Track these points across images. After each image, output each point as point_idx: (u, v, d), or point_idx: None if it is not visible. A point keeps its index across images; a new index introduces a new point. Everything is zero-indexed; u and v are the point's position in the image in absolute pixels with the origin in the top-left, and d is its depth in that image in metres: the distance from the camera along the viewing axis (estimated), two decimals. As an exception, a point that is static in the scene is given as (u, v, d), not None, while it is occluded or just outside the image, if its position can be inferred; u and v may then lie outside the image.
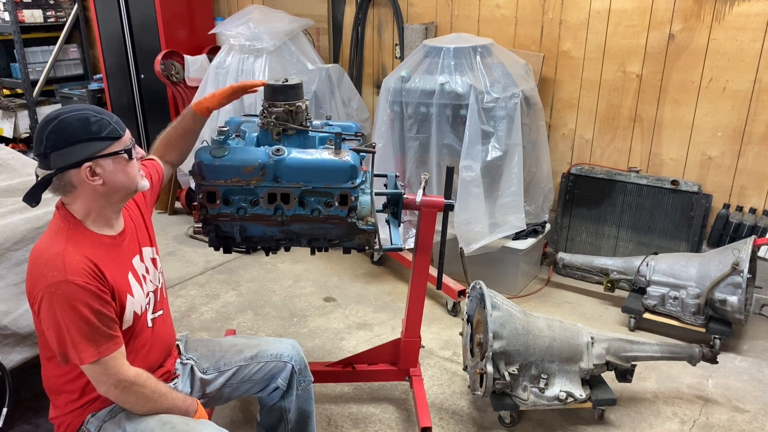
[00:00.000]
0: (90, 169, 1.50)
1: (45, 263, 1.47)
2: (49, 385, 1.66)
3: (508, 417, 2.41)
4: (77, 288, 1.45)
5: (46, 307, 1.46)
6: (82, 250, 1.51)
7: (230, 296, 3.45)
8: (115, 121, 1.54)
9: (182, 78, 4.29)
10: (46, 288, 1.45)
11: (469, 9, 3.78)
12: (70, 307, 1.45)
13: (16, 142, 5.64)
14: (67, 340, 1.46)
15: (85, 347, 1.47)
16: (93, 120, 1.49)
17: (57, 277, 1.44)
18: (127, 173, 1.56)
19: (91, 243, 1.55)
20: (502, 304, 2.35)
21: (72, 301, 1.44)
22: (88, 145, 1.49)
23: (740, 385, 2.68)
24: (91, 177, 1.50)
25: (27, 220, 2.28)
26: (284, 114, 1.94)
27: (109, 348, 1.49)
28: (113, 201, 1.59)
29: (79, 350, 1.46)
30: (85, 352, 1.47)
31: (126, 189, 1.58)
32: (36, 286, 1.47)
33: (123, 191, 1.58)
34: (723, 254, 2.87)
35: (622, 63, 3.39)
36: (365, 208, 1.88)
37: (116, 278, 1.57)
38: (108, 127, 1.51)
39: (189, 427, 1.57)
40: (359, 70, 4.35)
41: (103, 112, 1.54)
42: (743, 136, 3.16)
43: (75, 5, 5.61)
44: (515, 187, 3.19)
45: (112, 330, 1.52)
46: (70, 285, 1.44)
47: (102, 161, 1.50)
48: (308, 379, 1.97)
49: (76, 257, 1.48)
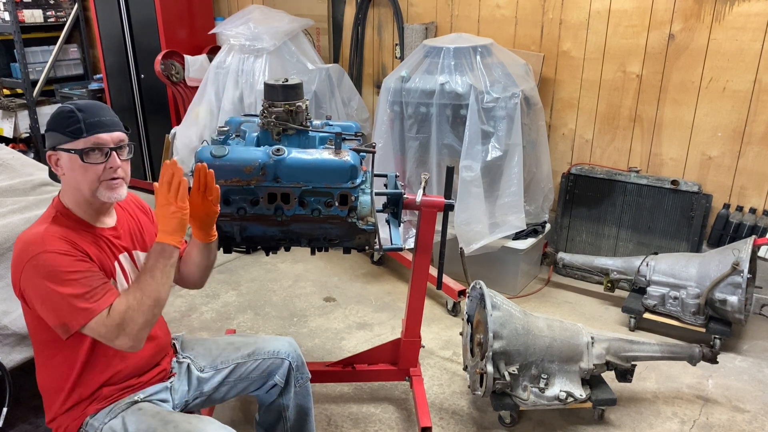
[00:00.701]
0: (54, 158, 1.57)
1: (24, 243, 1.51)
2: (43, 385, 1.66)
3: (508, 417, 2.42)
4: (56, 254, 1.47)
5: (31, 282, 1.47)
6: (62, 231, 1.53)
7: (230, 296, 3.45)
8: (90, 121, 1.52)
9: (182, 78, 4.29)
10: (27, 262, 1.47)
11: (469, 9, 3.78)
12: (53, 274, 1.46)
13: (16, 142, 5.63)
14: (62, 306, 1.47)
15: (82, 307, 1.46)
16: (67, 113, 1.54)
17: (36, 250, 1.47)
18: (82, 175, 1.53)
19: (76, 228, 1.57)
20: (502, 304, 2.35)
21: (53, 267, 1.46)
22: (54, 135, 1.55)
23: (740, 385, 2.68)
24: (56, 166, 1.57)
25: (27, 220, 2.28)
26: (284, 114, 1.94)
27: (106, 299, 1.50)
28: (86, 196, 1.57)
29: (75, 314, 1.46)
30: (81, 314, 1.47)
31: (80, 190, 1.56)
32: (18, 267, 1.50)
33: (80, 191, 1.57)
34: (723, 254, 2.87)
35: (622, 63, 3.39)
36: (365, 208, 1.88)
37: (101, 260, 1.58)
38: (74, 125, 1.52)
39: (192, 425, 1.56)
40: (359, 70, 4.35)
41: (90, 109, 1.55)
42: (743, 136, 3.16)
43: (75, 5, 5.60)
44: (515, 187, 3.19)
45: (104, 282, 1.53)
46: (49, 254, 1.47)
47: (61, 154, 1.55)
48: (306, 376, 1.97)
49: (56, 234, 1.51)
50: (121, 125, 1.61)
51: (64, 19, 5.62)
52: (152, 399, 1.70)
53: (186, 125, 4.01)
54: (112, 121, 1.58)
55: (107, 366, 1.63)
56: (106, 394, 1.63)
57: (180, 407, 1.79)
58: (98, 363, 1.61)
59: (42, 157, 5.56)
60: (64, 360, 1.59)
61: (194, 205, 1.63)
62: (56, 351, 1.60)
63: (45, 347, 1.61)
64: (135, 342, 1.50)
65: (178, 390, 1.80)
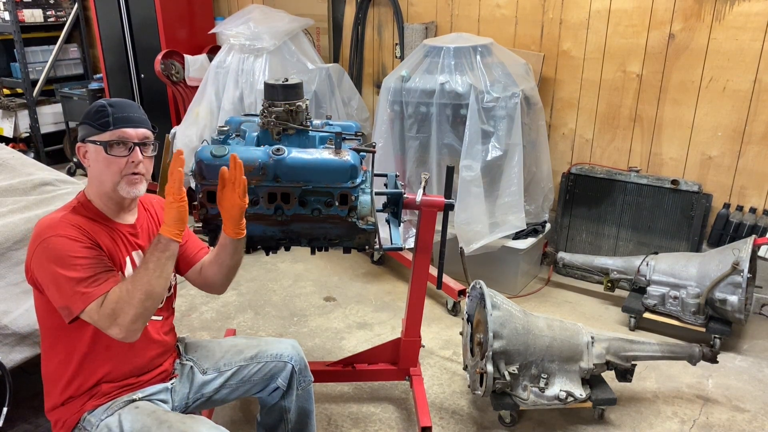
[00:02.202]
0: (82, 150, 1.62)
1: (39, 227, 1.56)
2: (45, 372, 1.68)
3: (508, 416, 2.42)
4: (67, 239, 1.52)
5: (40, 263, 1.52)
6: (78, 220, 1.58)
7: (230, 296, 3.45)
8: (118, 116, 1.59)
9: (182, 78, 4.29)
10: (38, 245, 1.52)
11: (469, 9, 3.78)
12: (59, 257, 1.50)
13: (16, 142, 5.63)
14: (65, 290, 1.49)
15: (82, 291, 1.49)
16: (99, 107, 1.60)
17: (47, 234, 1.52)
18: (106, 167, 1.59)
19: (94, 220, 1.61)
20: (502, 303, 2.35)
21: (63, 250, 1.50)
22: (84, 127, 1.61)
23: (740, 385, 2.68)
24: (83, 157, 1.63)
25: (27, 219, 2.28)
26: (284, 113, 1.94)
27: (108, 284, 1.52)
28: (107, 190, 1.61)
29: (76, 297, 1.49)
30: (80, 298, 1.49)
31: (103, 183, 1.61)
32: (30, 250, 1.55)
33: (103, 184, 1.61)
34: (723, 254, 2.87)
35: (622, 63, 3.39)
36: (365, 208, 1.88)
37: (112, 252, 1.61)
38: (103, 118, 1.58)
39: (185, 425, 1.57)
40: (359, 69, 4.35)
41: (120, 105, 1.62)
42: (743, 135, 3.16)
43: (75, 5, 5.60)
44: (515, 187, 3.19)
45: (109, 269, 1.56)
46: (59, 237, 1.51)
47: (89, 146, 1.61)
48: (308, 379, 1.97)
49: (70, 222, 1.56)
50: (148, 123, 1.65)
51: (64, 18, 5.62)
52: (151, 399, 1.70)
53: (186, 125, 4.01)
54: (140, 118, 1.63)
55: (108, 359, 1.64)
56: (105, 390, 1.64)
57: (180, 409, 1.79)
58: (98, 355, 1.63)
59: (42, 156, 5.57)
60: (66, 347, 1.62)
61: (224, 198, 1.65)
62: (60, 338, 1.62)
63: (50, 334, 1.64)
64: (127, 333, 1.50)
65: (178, 392, 1.80)
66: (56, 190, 2.56)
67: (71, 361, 1.62)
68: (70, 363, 1.62)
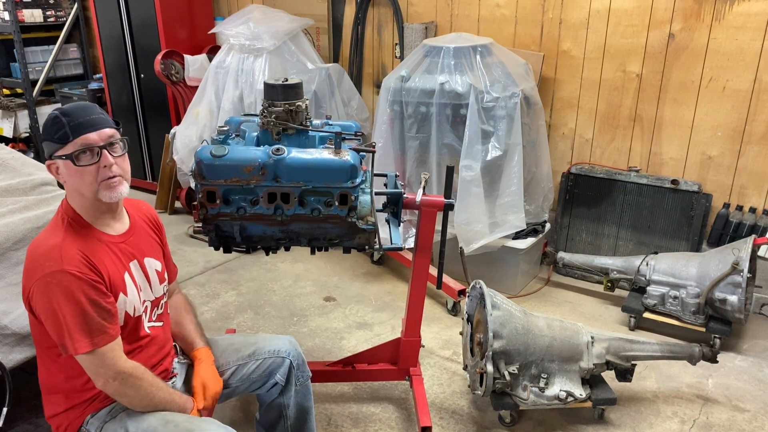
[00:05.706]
0: (53, 167, 1.56)
1: (42, 254, 1.49)
2: (45, 383, 1.66)
3: (508, 416, 2.42)
4: (73, 278, 1.46)
5: (41, 297, 1.47)
6: (78, 244, 1.52)
7: (230, 296, 3.45)
8: (74, 124, 1.50)
9: (182, 78, 4.29)
10: (42, 277, 1.46)
11: (469, 8, 3.78)
12: (66, 296, 1.46)
13: (16, 142, 5.63)
14: (63, 330, 1.47)
15: (80, 337, 1.47)
16: (53, 120, 1.52)
17: (53, 267, 1.46)
18: (80, 179, 1.52)
19: (88, 238, 1.56)
20: (502, 303, 2.35)
21: (67, 290, 1.46)
22: (47, 144, 1.54)
23: (740, 385, 2.68)
24: (57, 174, 1.56)
25: (27, 219, 2.28)
26: (284, 113, 1.93)
27: (103, 339, 1.50)
28: (90, 200, 1.56)
29: (74, 340, 1.47)
30: (79, 342, 1.47)
31: (83, 194, 1.55)
32: (32, 276, 1.49)
33: (84, 196, 1.56)
34: (723, 254, 2.87)
35: (622, 62, 3.39)
36: (365, 208, 1.88)
37: (112, 274, 1.58)
38: (60, 130, 1.50)
39: (192, 424, 1.57)
40: (359, 69, 4.35)
41: (74, 111, 1.53)
42: (743, 135, 3.16)
43: (75, 5, 5.60)
44: (515, 187, 3.19)
45: (107, 321, 1.52)
46: (65, 274, 1.46)
47: (58, 162, 1.53)
48: (306, 375, 1.97)
49: (73, 249, 1.50)
50: (109, 122, 1.57)
51: (63, 18, 5.62)
52: None
53: (186, 125, 4.01)
54: (99, 119, 1.55)
55: None
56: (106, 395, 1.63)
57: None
58: None
59: (42, 156, 5.56)
60: (67, 365, 1.59)
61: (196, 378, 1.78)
62: (56, 360, 1.60)
63: (49, 351, 1.61)
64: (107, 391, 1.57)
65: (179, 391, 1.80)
66: (56, 190, 2.56)
67: (73, 377, 1.60)
68: (71, 379, 1.60)
